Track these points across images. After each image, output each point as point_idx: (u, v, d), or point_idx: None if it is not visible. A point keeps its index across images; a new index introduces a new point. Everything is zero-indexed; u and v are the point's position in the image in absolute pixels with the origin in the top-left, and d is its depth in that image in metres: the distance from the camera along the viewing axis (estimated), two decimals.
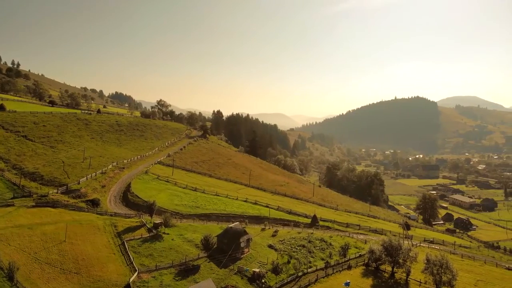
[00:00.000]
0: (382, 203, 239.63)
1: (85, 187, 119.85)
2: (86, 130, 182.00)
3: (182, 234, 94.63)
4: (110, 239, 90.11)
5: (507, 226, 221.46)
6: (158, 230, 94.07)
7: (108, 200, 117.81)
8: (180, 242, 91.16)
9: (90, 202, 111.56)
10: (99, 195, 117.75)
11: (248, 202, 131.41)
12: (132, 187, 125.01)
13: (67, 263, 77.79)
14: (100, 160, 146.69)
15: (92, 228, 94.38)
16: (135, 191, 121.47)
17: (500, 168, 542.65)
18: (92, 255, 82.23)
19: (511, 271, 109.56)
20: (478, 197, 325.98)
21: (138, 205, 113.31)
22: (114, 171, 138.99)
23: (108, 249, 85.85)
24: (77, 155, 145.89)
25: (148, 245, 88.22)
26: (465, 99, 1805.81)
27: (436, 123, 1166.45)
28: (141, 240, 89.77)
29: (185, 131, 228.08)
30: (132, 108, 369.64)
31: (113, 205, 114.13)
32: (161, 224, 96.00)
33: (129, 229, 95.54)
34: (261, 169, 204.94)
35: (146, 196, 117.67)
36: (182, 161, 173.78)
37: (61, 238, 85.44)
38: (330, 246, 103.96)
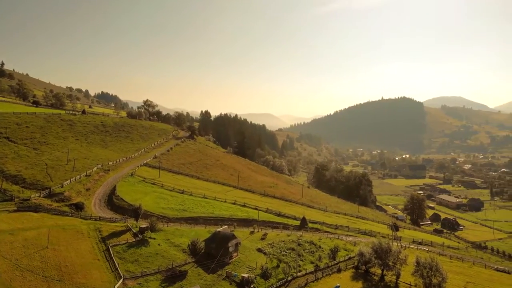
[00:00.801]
0: (370, 203, 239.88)
1: (69, 190, 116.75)
2: (71, 131, 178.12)
3: (169, 239, 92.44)
4: (94, 244, 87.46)
5: (494, 226, 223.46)
6: (144, 235, 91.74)
7: (92, 203, 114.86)
8: (167, 247, 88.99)
9: (74, 206, 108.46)
10: (83, 199, 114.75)
11: (237, 204, 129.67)
12: (118, 190, 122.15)
13: (49, 270, 75.09)
14: (84, 162, 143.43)
15: (76, 233, 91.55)
16: (121, 194, 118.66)
17: (485, 168, 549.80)
18: (75, 261, 79.59)
19: (500, 272, 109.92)
20: (465, 197, 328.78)
21: (124, 208, 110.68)
22: (99, 174, 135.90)
23: (92, 255, 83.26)
24: (61, 157, 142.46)
25: (134, 251, 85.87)
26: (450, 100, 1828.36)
27: (422, 123, 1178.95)
28: (127, 245, 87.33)
29: (172, 132, 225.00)
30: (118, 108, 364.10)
31: (97, 209, 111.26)
32: (147, 228, 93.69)
33: (114, 234, 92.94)
34: (249, 170, 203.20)
35: (131, 199, 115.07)
36: (169, 163, 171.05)
37: (44, 244, 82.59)
38: (319, 249, 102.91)
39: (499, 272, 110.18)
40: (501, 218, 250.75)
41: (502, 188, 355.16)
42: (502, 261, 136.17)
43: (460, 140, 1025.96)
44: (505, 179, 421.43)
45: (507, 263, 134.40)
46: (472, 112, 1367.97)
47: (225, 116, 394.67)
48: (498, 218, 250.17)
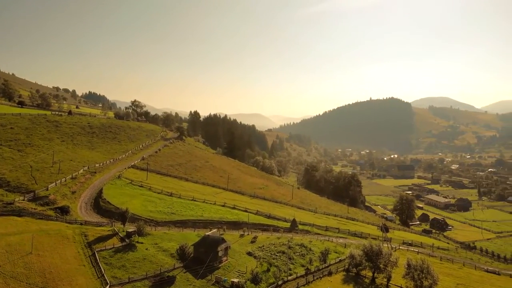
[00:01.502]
0: (359, 204, 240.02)
1: (54, 193, 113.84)
2: (56, 133, 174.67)
3: (157, 243, 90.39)
4: (80, 249, 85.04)
5: (482, 226, 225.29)
6: (131, 239, 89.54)
7: (78, 207, 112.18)
8: (155, 251, 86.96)
9: (59, 210, 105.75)
10: (69, 202, 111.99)
11: (226, 206, 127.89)
12: (104, 193, 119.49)
13: (33, 277, 72.63)
14: (70, 164, 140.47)
15: (61, 238, 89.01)
16: (107, 197, 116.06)
17: (473, 168, 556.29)
18: (60, 267, 77.18)
19: (490, 273, 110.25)
20: (453, 197, 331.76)
21: (111, 212, 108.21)
22: (85, 176, 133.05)
23: (78, 260, 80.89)
24: (46, 159, 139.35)
25: (121, 256, 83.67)
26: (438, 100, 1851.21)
27: (410, 124, 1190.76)
28: (113, 250, 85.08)
29: (161, 133, 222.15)
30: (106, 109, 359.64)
31: (83, 213, 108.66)
32: (134, 232, 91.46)
33: (100, 238, 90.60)
34: (239, 171, 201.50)
35: (118, 202, 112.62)
36: (157, 165, 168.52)
37: (27, 250, 79.96)
38: (310, 252, 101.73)
39: (489, 273, 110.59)
40: (489, 218, 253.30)
41: (489, 188, 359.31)
42: (492, 262, 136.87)
43: (447, 140, 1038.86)
44: (492, 179, 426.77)
45: (496, 263, 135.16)
46: (459, 112, 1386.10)
47: (214, 117, 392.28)
48: (486, 218, 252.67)
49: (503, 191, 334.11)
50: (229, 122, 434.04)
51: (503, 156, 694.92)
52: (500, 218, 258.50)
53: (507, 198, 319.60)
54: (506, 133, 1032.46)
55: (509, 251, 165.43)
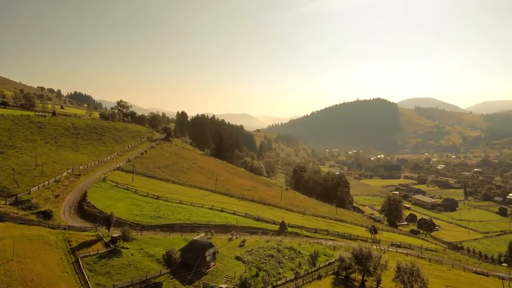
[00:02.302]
0: (347, 204, 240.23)
1: (37, 197, 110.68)
2: (40, 134, 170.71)
3: (143, 248, 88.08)
4: (63, 256, 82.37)
5: (469, 226, 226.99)
6: (116, 245, 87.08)
7: (62, 211, 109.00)
8: (141, 257, 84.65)
9: (41, 214, 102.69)
10: (52, 206, 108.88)
11: (214, 209, 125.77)
12: (89, 196, 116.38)
13: (14, 285, 69.86)
14: (54, 167, 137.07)
15: (43, 244, 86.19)
16: (92, 201, 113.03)
17: (458, 168, 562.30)
18: (42, 275, 74.51)
19: (478, 275, 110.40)
20: (439, 197, 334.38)
21: (95, 216, 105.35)
22: (69, 179, 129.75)
23: (61, 267, 78.24)
24: (29, 162, 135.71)
25: (105, 262, 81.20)
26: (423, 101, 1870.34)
27: (397, 124, 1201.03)
28: (97, 256, 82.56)
29: (147, 134, 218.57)
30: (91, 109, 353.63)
31: (67, 217, 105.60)
32: (119, 237, 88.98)
33: (84, 244, 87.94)
34: (227, 173, 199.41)
35: (103, 206, 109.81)
36: (143, 167, 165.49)
37: (8, 256, 77.04)
38: (299, 255, 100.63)
39: (478, 274, 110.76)
40: (475, 218, 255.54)
41: (475, 188, 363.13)
42: (480, 263, 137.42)
43: (433, 140, 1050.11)
44: (478, 179, 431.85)
45: (485, 264, 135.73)
46: (444, 113, 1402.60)
47: (202, 117, 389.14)
48: (473, 218, 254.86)
49: (489, 191, 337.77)
50: (217, 122, 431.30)
51: (488, 156, 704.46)
52: (487, 218, 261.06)
53: (493, 198, 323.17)
54: (491, 133, 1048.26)
55: (496, 252, 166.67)
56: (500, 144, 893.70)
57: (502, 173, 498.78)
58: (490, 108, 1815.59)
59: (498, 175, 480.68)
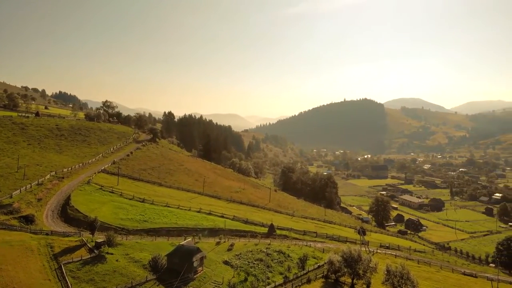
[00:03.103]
0: (336, 205, 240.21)
1: (19, 201, 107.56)
2: (22, 136, 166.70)
3: (128, 254, 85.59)
4: (45, 262, 79.57)
5: (455, 226, 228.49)
6: (100, 250, 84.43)
7: (44, 215, 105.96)
8: (126, 263, 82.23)
9: (23, 219, 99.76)
10: (34, 210, 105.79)
11: (202, 212, 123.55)
12: (72, 200, 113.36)
13: None
14: (37, 169, 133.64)
15: (25, 250, 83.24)
16: (75, 205, 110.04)
17: (444, 168, 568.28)
18: (24, 282, 71.75)
19: (467, 276, 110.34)
20: (426, 196, 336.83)
21: (79, 220, 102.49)
22: (53, 182, 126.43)
23: (43, 274, 75.49)
24: (11, 164, 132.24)
25: (89, 268, 78.62)
26: (409, 101, 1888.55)
27: (383, 124, 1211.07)
28: (81, 263, 79.94)
29: (133, 135, 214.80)
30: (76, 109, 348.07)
31: (50, 222, 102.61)
32: (104, 243, 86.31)
33: (67, 250, 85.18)
34: (215, 174, 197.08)
35: (87, 210, 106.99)
36: (129, 169, 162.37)
37: None
38: (288, 258, 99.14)
39: (467, 276, 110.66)
40: (462, 218, 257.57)
41: (461, 188, 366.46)
42: (468, 264, 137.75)
43: (419, 140, 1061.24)
44: (464, 178, 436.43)
45: (473, 265, 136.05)
46: (430, 113, 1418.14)
47: (189, 117, 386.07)
48: (459, 218, 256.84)
49: (475, 191, 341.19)
50: (205, 123, 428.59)
51: (473, 156, 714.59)
52: (473, 218, 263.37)
53: (478, 198, 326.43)
54: (476, 133, 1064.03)
55: (484, 252, 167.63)
56: (485, 144, 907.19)
57: (488, 173, 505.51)
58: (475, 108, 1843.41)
59: (483, 175, 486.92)
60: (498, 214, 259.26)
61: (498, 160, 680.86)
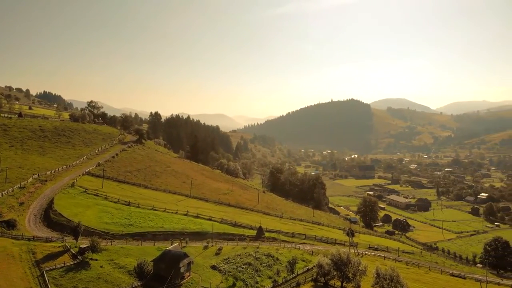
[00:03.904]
0: (324, 206, 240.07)
1: (0, 205, 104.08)
2: (5, 137, 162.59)
3: (113, 259, 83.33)
4: (27, 269, 77.06)
5: (442, 226, 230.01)
6: (84, 256, 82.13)
7: (27, 220, 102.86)
8: (111, 269, 79.98)
9: (5, 224, 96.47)
10: (16, 215, 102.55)
11: (189, 215, 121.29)
12: (55, 203, 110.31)
13: None
14: (19, 172, 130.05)
15: (6, 256, 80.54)
16: (59, 209, 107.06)
17: (430, 168, 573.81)
18: None
19: (455, 277, 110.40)
20: (413, 196, 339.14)
21: (62, 225, 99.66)
22: (35, 185, 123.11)
23: (25, 282, 73.07)
24: None
25: (73, 275, 76.30)
26: (395, 101, 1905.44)
27: (370, 124, 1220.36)
28: (64, 269, 77.56)
29: (118, 136, 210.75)
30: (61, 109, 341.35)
31: (32, 226, 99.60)
32: (88, 248, 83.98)
33: (50, 256, 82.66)
34: (203, 176, 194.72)
35: (71, 214, 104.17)
36: (114, 171, 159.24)
37: None
38: (277, 262, 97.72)
39: (455, 277, 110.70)
40: (448, 218, 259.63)
41: (447, 188, 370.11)
42: (457, 265, 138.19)
43: (405, 140, 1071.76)
44: (450, 178, 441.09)
45: (461, 266, 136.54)
46: (415, 113, 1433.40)
47: (176, 118, 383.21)
48: (446, 218, 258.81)
49: (461, 191, 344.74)
50: (192, 123, 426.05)
51: (459, 156, 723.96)
52: (460, 218, 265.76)
53: (464, 198, 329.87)
54: (461, 133, 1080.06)
55: (471, 252, 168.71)
56: (470, 144, 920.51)
57: (473, 172, 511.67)
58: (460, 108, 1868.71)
59: (469, 175, 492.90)
60: (484, 214, 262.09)
61: (483, 160, 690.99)
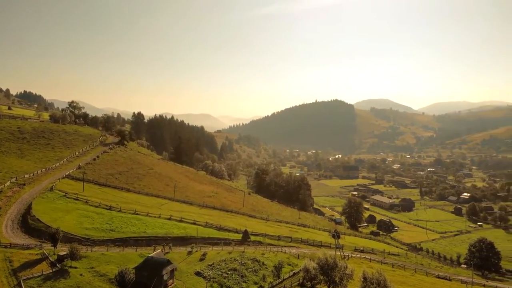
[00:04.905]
0: (309, 207, 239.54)
1: None
2: None
3: (93, 267, 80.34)
4: (4, 278, 73.62)
5: (426, 226, 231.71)
6: (63, 264, 78.93)
7: (3, 226, 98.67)
8: (91, 277, 77.04)
9: None
10: None
11: (173, 220, 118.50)
12: (34, 208, 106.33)
13: None
14: None
15: None
16: (37, 214, 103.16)
17: (413, 168, 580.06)
18: None
19: (441, 279, 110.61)
20: (396, 197, 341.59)
21: (41, 231, 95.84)
22: (13, 189, 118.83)
23: None
24: None
25: (51, 284, 73.12)
26: (379, 102, 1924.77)
27: (353, 125, 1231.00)
28: (42, 278, 74.27)
29: (100, 138, 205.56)
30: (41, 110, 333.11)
31: (9, 233, 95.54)
32: (67, 256, 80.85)
33: (27, 264, 79.28)
34: (187, 178, 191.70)
35: (50, 219, 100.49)
36: (95, 174, 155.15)
37: None
38: (263, 266, 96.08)
39: (441, 279, 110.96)
40: (432, 218, 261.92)
41: (430, 188, 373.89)
42: (442, 266, 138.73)
43: (388, 140, 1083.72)
44: (432, 178, 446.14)
45: (446, 267, 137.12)
46: (398, 114, 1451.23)
47: (160, 118, 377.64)
48: (429, 218, 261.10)
49: (443, 191, 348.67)
50: (176, 123, 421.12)
51: (441, 156, 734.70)
52: (443, 218, 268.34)
53: (447, 197, 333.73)
54: (443, 133, 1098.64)
55: (455, 252, 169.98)
56: (451, 143, 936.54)
57: (455, 172, 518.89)
58: (441, 109, 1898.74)
59: (451, 175, 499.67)
60: (467, 214, 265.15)
61: (465, 159, 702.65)
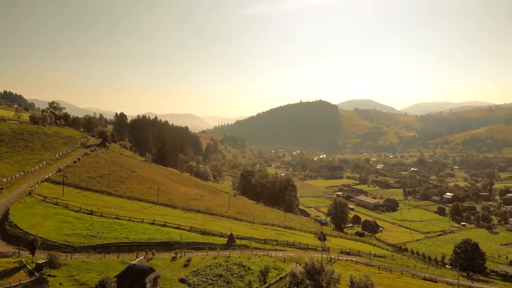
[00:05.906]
0: (295, 208, 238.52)
1: None
2: None
3: (73, 275, 77.46)
4: None
5: (410, 226, 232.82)
6: (41, 273, 76.00)
7: None
8: (70, 286, 74.17)
9: None
10: None
11: (156, 224, 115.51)
12: (11, 214, 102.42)
13: None
14: None
15: None
16: (15, 220, 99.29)
17: (396, 167, 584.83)
18: None
19: (427, 281, 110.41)
20: (381, 197, 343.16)
21: (19, 238, 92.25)
22: None
23: None
24: None
25: None
26: (362, 102, 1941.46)
27: (337, 125, 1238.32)
28: None
29: (81, 139, 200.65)
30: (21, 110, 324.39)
31: None
32: (45, 264, 77.74)
33: (4, 272, 76.26)
34: (171, 181, 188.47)
35: (28, 225, 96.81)
36: (76, 177, 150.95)
37: None
38: (249, 271, 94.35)
39: (427, 281, 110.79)
40: (416, 218, 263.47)
41: (414, 188, 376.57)
42: (428, 268, 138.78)
43: (371, 140, 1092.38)
44: (415, 178, 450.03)
45: (432, 269, 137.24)
46: (381, 114, 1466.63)
47: (143, 118, 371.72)
48: (413, 218, 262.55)
49: (427, 191, 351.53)
50: (160, 124, 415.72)
51: (423, 156, 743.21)
52: (426, 218, 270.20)
53: (430, 197, 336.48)
54: (425, 133, 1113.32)
55: (439, 253, 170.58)
56: (433, 143, 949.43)
57: (437, 172, 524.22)
58: (423, 109, 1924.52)
59: (433, 174, 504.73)
60: (451, 214, 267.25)
61: (447, 159, 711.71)
